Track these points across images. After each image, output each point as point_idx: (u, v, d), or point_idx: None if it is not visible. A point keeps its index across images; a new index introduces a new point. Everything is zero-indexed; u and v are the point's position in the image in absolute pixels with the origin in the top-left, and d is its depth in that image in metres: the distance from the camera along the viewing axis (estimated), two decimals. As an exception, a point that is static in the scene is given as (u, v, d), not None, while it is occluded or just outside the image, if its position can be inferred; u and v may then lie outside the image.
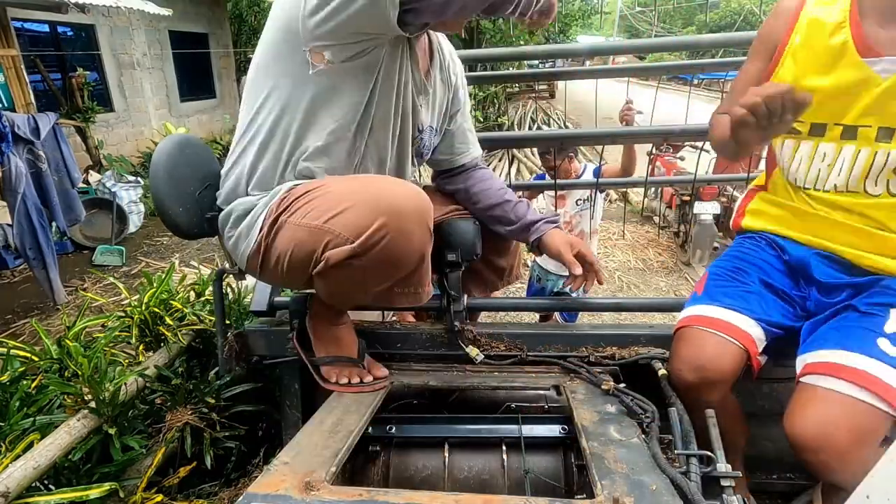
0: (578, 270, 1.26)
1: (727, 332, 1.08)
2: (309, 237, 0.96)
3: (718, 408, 1.04)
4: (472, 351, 1.25)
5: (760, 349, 1.10)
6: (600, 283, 1.33)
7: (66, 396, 1.35)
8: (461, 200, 1.40)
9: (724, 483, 0.83)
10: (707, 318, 1.11)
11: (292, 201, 1.00)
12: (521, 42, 10.34)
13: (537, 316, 2.78)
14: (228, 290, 1.85)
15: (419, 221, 0.95)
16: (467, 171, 1.40)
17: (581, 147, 8.14)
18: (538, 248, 1.33)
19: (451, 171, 1.40)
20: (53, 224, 3.95)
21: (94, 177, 5.43)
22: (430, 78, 1.18)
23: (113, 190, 5.27)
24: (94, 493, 1.17)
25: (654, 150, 5.43)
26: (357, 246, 0.91)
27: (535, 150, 8.02)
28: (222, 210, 1.14)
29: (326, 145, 1.04)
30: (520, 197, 1.39)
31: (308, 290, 1.20)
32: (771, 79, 1.11)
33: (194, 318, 1.76)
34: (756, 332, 1.09)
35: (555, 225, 1.33)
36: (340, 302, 1.16)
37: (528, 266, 3.22)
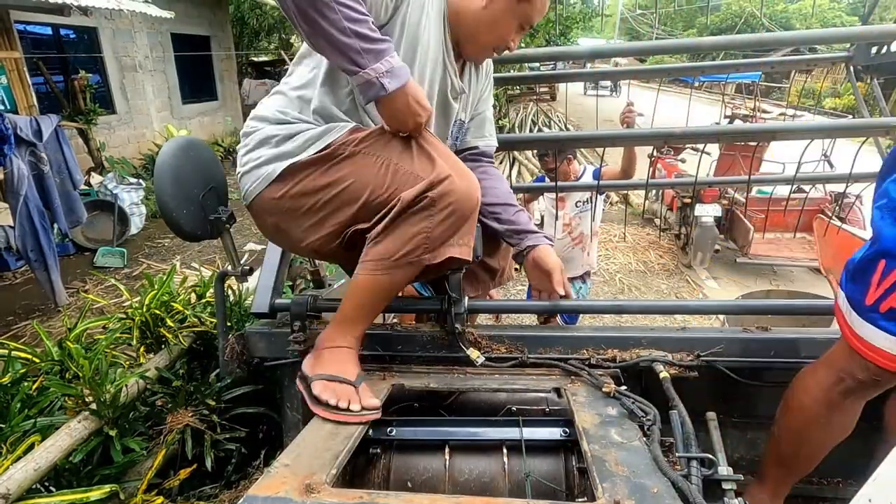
0: (562, 292, 1.30)
1: None
2: (381, 171, 1.03)
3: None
4: (473, 353, 1.25)
5: None
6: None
7: (66, 398, 1.35)
8: None
9: (725, 486, 0.83)
10: None
11: (363, 137, 1.06)
12: (522, 45, 10.35)
13: (537, 318, 2.77)
14: (230, 292, 1.85)
15: (472, 176, 1.06)
16: (480, 162, 1.40)
17: (582, 149, 8.15)
18: (527, 256, 1.33)
19: (464, 154, 1.39)
20: (55, 226, 3.96)
21: (95, 179, 5.44)
22: (465, 76, 1.27)
23: (114, 192, 5.29)
24: (95, 494, 1.17)
25: (654, 153, 5.45)
26: (427, 183, 0.98)
27: (535, 151, 8.03)
28: (231, 213, 1.15)
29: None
30: (520, 199, 1.39)
31: (312, 293, 1.19)
32: None
33: (195, 319, 1.76)
34: None
35: (550, 243, 1.34)
36: (390, 268, 1.05)
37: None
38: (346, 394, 1.07)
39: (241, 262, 1.42)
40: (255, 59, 17.16)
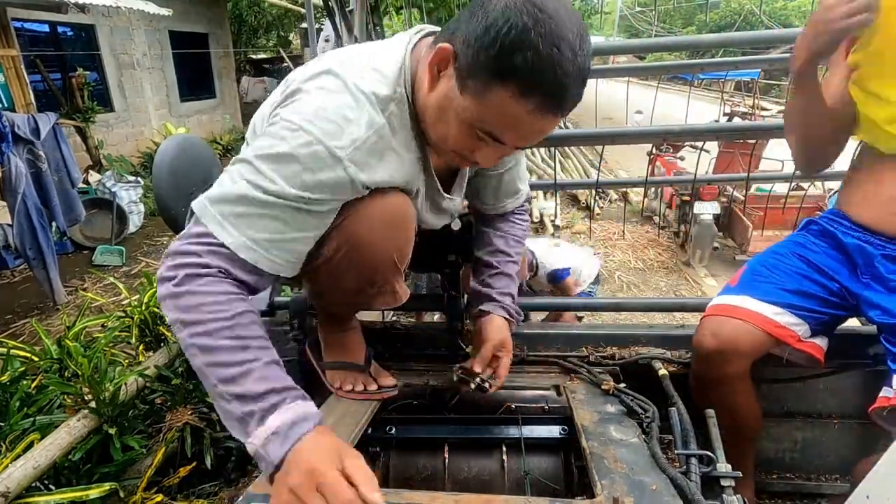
0: (478, 367, 1.07)
1: None
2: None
3: (737, 383, 1.08)
4: (473, 351, 1.25)
5: None
6: (483, 391, 1.08)
7: (66, 396, 1.35)
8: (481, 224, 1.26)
9: (724, 483, 0.83)
10: None
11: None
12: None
13: (538, 316, 2.78)
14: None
15: (392, 227, 0.91)
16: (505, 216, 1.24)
17: (581, 147, 8.15)
18: (476, 321, 1.17)
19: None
20: (53, 224, 3.95)
21: (94, 177, 5.42)
22: (457, 180, 1.07)
23: (113, 190, 5.27)
24: (94, 492, 1.17)
25: (654, 150, 5.43)
26: (325, 249, 0.87)
27: (535, 149, 8.02)
28: None
29: None
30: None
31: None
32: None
33: (194, 318, 1.76)
34: None
35: (507, 316, 1.15)
36: (325, 304, 1.13)
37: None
38: (359, 379, 1.14)
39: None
40: (254, 56, 17.11)
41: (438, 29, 0.87)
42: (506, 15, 0.68)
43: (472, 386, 1.06)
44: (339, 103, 0.78)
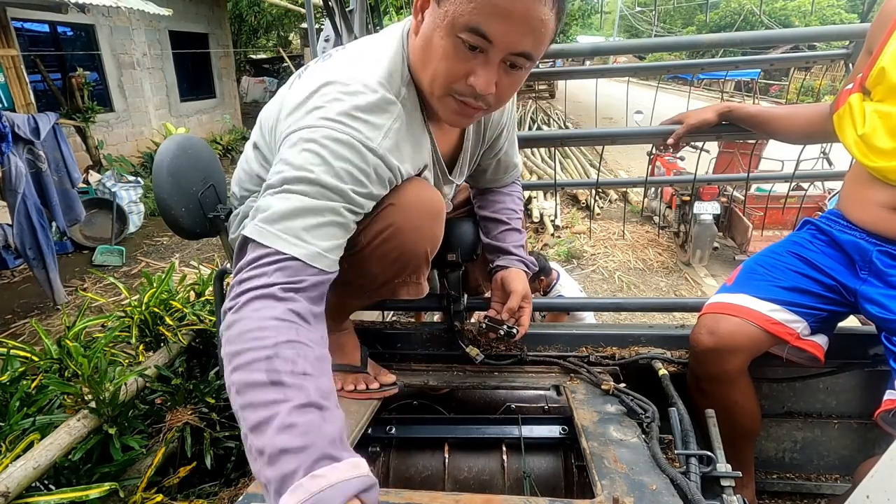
0: (506, 315, 1.14)
1: None
2: None
3: (735, 381, 1.09)
4: (472, 351, 1.25)
5: None
6: (512, 336, 1.13)
7: (66, 396, 1.35)
8: (472, 195, 1.35)
9: (724, 483, 0.83)
10: None
11: None
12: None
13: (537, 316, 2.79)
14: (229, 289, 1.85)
15: (429, 219, 0.95)
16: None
17: (581, 147, 8.15)
18: (495, 275, 1.21)
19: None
20: (53, 224, 3.95)
21: (94, 177, 5.43)
22: (457, 165, 1.10)
23: (113, 190, 5.27)
24: (94, 493, 1.17)
25: (653, 151, 5.43)
26: (362, 236, 0.89)
27: (535, 149, 8.02)
28: (229, 211, 1.14)
29: None
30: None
31: None
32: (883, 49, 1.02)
33: (194, 318, 1.76)
34: None
35: (525, 268, 1.20)
36: (341, 295, 1.08)
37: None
38: (360, 379, 1.15)
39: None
40: (254, 56, 17.13)
41: None
42: None
43: (501, 332, 1.12)
44: (357, 101, 0.78)
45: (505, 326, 1.12)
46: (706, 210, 4.66)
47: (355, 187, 0.76)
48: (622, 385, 1.14)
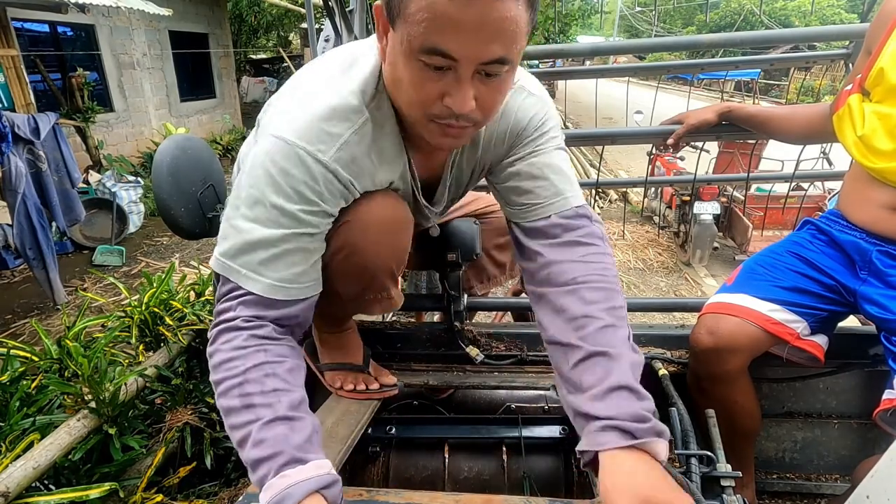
0: None
1: None
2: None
3: (735, 381, 1.09)
4: (472, 351, 1.25)
5: None
6: None
7: (66, 396, 1.35)
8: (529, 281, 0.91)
9: (724, 483, 0.83)
10: None
11: None
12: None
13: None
14: (228, 290, 1.85)
15: (389, 234, 0.89)
16: (551, 238, 0.87)
17: (581, 147, 8.15)
18: (589, 464, 0.74)
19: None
20: (53, 224, 3.95)
21: (94, 177, 5.43)
22: (441, 189, 0.98)
23: (113, 190, 5.27)
24: (94, 492, 1.17)
25: (654, 150, 5.44)
26: (325, 255, 0.85)
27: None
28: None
29: None
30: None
31: None
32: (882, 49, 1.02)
33: (194, 317, 1.76)
34: None
35: (633, 442, 0.68)
36: (320, 309, 1.01)
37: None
38: (360, 379, 1.13)
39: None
40: (254, 56, 17.12)
41: None
42: None
43: None
44: (315, 110, 0.75)
45: None
46: (706, 210, 4.66)
47: (305, 206, 0.75)
48: (622, 385, 1.13)
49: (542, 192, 0.88)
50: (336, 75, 0.79)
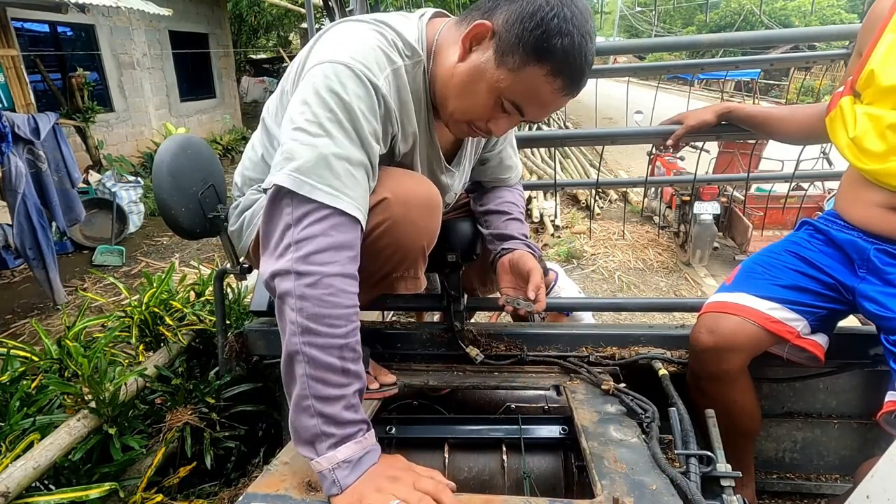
0: (531, 293, 1.07)
1: None
2: None
3: (735, 381, 1.10)
4: (472, 351, 1.25)
5: None
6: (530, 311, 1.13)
7: (66, 396, 1.35)
8: (469, 193, 1.35)
9: (724, 483, 0.83)
10: None
11: None
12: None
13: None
14: (229, 290, 1.85)
15: (426, 212, 0.95)
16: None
17: (581, 147, 8.15)
18: (500, 259, 1.18)
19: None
20: (53, 224, 3.95)
21: (94, 177, 5.43)
22: (460, 154, 1.13)
23: (113, 190, 5.27)
24: (94, 493, 1.17)
25: (653, 151, 5.45)
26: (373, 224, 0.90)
27: (535, 149, 8.02)
28: (230, 204, 1.15)
29: None
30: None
31: None
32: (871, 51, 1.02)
33: (194, 318, 1.76)
34: None
35: (532, 252, 1.17)
36: None
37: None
38: None
39: (240, 260, 1.41)
40: (254, 56, 17.13)
41: (444, 12, 0.96)
42: (550, 3, 0.77)
43: (523, 310, 1.10)
44: (365, 42, 0.83)
45: (525, 304, 1.08)
46: (706, 210, 4.66)
47: (367, 124, 0.79)
48: (622, 385, 1.14)
49: (511, 170, 1.30)
50: (373, 29, 0.87)
